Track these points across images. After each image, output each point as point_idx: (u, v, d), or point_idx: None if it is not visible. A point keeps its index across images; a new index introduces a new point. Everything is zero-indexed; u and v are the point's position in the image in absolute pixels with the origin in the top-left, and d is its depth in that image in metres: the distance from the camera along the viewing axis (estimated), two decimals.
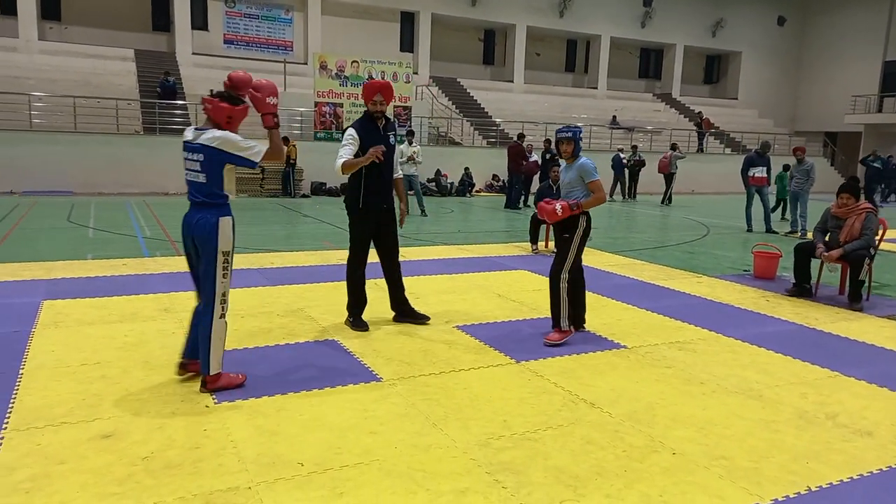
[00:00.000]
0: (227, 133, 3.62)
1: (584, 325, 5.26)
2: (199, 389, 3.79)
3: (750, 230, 12.22)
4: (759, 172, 12.05)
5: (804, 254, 6.72)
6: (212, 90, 3.85)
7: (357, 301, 5.20)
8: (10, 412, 3.43)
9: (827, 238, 6.68)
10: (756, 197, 12.18)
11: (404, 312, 5.38)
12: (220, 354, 3.77)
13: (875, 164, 15.69)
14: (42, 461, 2.93)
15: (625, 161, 19.14)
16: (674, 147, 19.35)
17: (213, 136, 3.59)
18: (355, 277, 5.17)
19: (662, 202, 18.46)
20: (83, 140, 16.06)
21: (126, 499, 2.66)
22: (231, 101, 3.67)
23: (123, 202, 14.21)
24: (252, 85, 3.70)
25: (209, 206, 3.67)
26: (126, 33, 21.95)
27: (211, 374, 3.75)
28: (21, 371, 4.02)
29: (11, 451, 3.02)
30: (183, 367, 3.94)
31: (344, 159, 4.81)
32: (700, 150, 24.77)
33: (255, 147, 3.64)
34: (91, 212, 12.35)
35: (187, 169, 3.69)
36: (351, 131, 4.92)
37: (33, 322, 5.05)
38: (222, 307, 3.74)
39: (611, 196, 19.16)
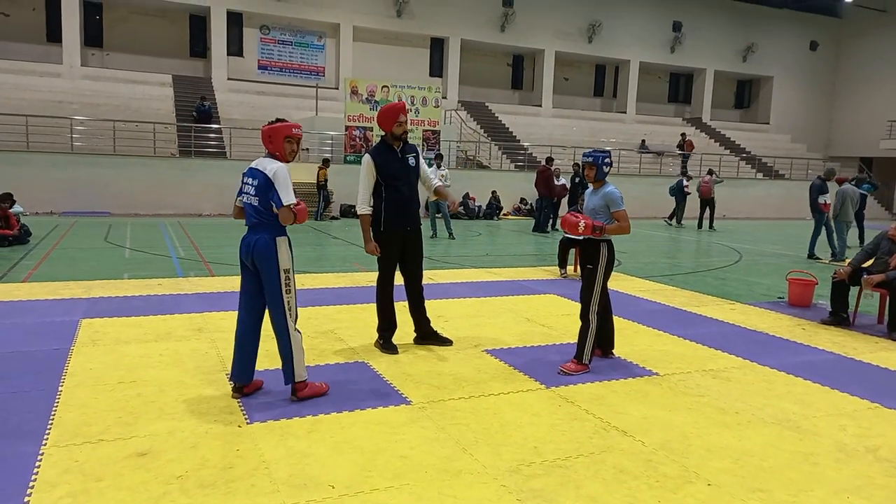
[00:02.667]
0: (284, 170, 3.86)
1: (613, 351, 5.20)
2: (290, 398, 4.01)
3: (816, 257, 11.71)
4: (828, 199, 11.72)
5: (842, 282, 6.57)
6: (270, 121, 4.14)
7: (386, 323, 5.23)
8: (49, 428, 3.51)
9: (871, 262, 6.54)
10: (813, 222, 11.82)
11: (427, 335, 5.38)
12: (303, 362, 4.02)
13: (861, 190, 14.13)
14: (80, 478, 2.99)
15: (687, 188, 18.88)
16: (710, 172, 19.21)
17: (271, 167, 3.86)
18: (384, 297, 5.20)
19: (700, 227, 18.19)
20: (121, 162, 16.53)
21: None
22: (276, 122, 4.02)
23: (158, 223, 14.53)
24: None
25: (264, 226, 3.89)
26: (164, 59, 22.64)
27: (298, 381, 3.98)
28: (60, 388, 4.12)
29: (52, 467, 3.08)
30: (239, 391, 4.05)
31: (364, 212, 5.02)
32: (683, 172, 24.26)
33: (291, 198, 3.81)
34: (127, 232, 12.65)
35: (244, 192, 3.96)
36: (367, 159, 4.96)
37: (72, 340, 5.17)
38: (294, 319, 3.98)
39: (678, 222, 18.99)
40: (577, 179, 16.14)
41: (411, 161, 5.09)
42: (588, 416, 3.96)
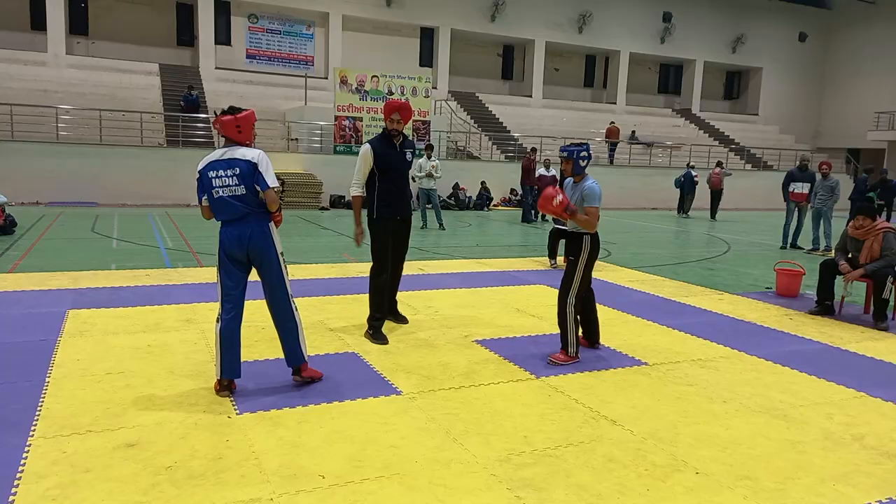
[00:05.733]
0: (265, 154, 3.88)
1: (600, 343, 5.19)
2: (294, 378, 4.08)
3: (784, 247, 11.99)
4: (798, 188, 11.87)
5: (828, 272, 6.63)
6: (215, 111, 4.08)
7: (378, 313, 5.26)
8: (36, 420, 3.48)
9: (850, 256, 6.60)
10: (795, 213, 11.98)
11: (390, 310, 5.61)
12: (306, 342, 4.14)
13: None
14: (69, 469, 2.97)
15: (696, 177, 19.23)
16: (719, 164, 19.46)
17: (251, 154, 3.82)
18: (377, 285, 5.28)
19: (713, 217, 18.63)
20: (108, 152, 16.34)
21: None
22: (232, 112, 3.91)
23: (146, 213, 14.41)
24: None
25: (255, 215, 3.85)
26: (151, 48, 22.38)
27: (305, 360, 4.07)
28: (48, 379, 4.09)
29: (39, 458, 3.06)
30: (227, 388, 3.94)
31: (356, 193, 5.21)
32: (611, 162, 23.92)
33: (275, 181, 3.86)
34: (115, 223, 12.54)
35: (221, 187, 3.80)
36: (367, 148, 5.12)
37: (59, 331, 5.13)
38: (294, 301, 4.05)
39: (685, 213, 19.36)
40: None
41: (408, 156, 5.33)
42: (577, 405, 3.98)
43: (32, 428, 3.38)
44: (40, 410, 3.61)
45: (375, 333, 5.20)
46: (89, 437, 3.30)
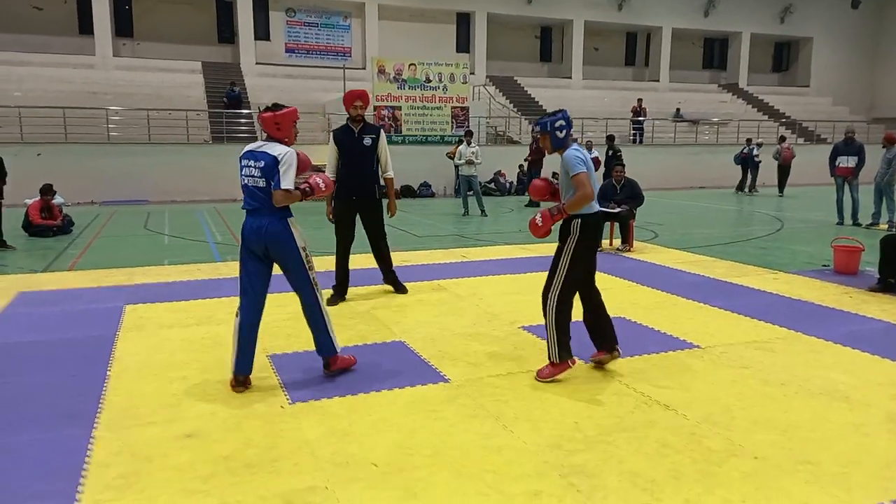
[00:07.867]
0: (292, 155, 3.82)
1: (618, 349, 4.28)
2: (324, 372, 4.10)
3: (840, 223, 11.60)
4: (844, 162, 11.47)
5: (890, 247, 6.35)
6: (259, 107, 4.03)
7: (336, 275, 6.13)
8: (99, 412, 3.61)
9: None
10: (846, 188, 11.57)
11: (388, 281, 6.39)
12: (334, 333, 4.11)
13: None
14: (131, 459, 3.08)
15: (756, 156, 19.10)
16: (784, 139, 19.18)
17: (280, 150, 3.82)
18: (336, 257, 6.11)
19: (782, 192, 18.49)
20: (156, 150, 16.80)
21: (210, 496, 2.76)
22: (274, 108, 3.93)
23: (195, 209, 14.77)
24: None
25: (272, 209, 3.83)
26: (193, 46, 22.83)
27: (336, 353, 4.10)
28: (108, 373, 4.23)
29: (103, 449, 3.18)
30: (242, 385, 3.91)
31: (329, 175, 5.84)
32: (637, 140, 22.95)
33: (289, 184, 3.77)
34: (165, 219, 12.90)
35: (247, 176, 3.87)
36: (331, 136, 5.99)
37: (117, 326, 5.31)
38: (320, 294, 4.05)
39: (745, 190, 19.25)
40: (610, 153, 15.88)
41: (366, 141, 5.89)
42: (629, 390, 3.92)
43: (96, 420, 3.51)
44: (102, 403, 3.74)
45: (332, 295, 5.95)
46: (149, 428, 3.41)
